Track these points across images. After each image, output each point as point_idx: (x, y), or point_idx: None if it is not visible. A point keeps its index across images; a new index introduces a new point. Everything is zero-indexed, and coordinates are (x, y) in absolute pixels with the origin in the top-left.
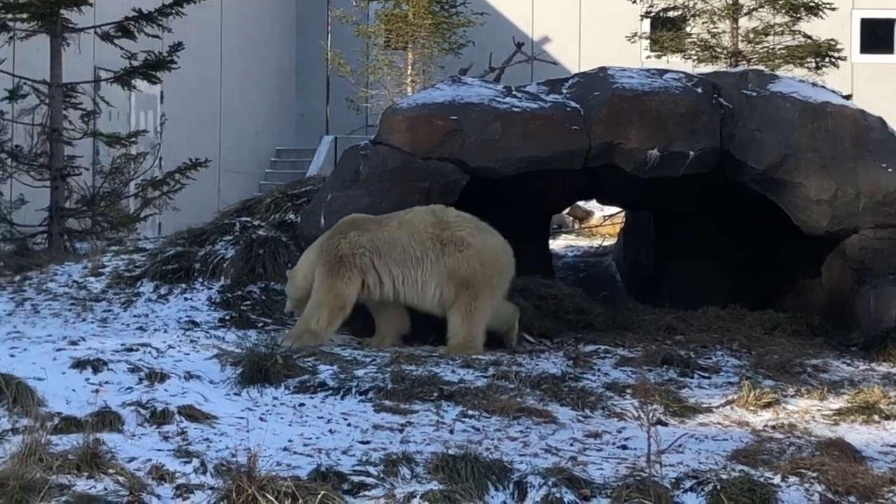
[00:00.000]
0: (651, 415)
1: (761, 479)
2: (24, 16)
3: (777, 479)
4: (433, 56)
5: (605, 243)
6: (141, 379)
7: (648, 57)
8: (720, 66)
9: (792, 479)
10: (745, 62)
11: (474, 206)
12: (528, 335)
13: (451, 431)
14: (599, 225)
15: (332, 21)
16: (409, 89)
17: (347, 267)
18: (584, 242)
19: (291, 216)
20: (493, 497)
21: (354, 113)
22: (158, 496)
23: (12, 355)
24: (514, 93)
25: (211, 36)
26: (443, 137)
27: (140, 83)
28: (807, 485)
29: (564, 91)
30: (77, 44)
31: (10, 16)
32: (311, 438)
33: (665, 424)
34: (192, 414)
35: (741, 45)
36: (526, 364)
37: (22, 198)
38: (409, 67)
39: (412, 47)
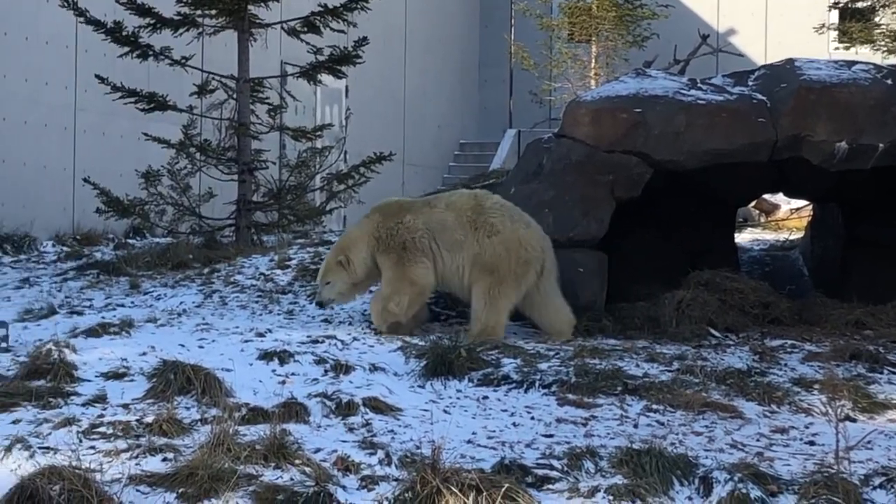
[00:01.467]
0: (839, 410)
1: None
2: (213, 12)
3: None
4: (617, 49)
5: (792, 237)
6: (326, 370)
7: (836, 48)
8: None
9: None
10: None
11: (658, 200)
12: (712, 329)
13: (636, 426)
14: (786, 218)
15: (516, 14)
16: (592, 82)
17: (413, 252)
18: (770, 236)
19: None
20: (677, 492)
21: (537, 106)
22: (344, 487)
23: (201, 346)
24: (698, 85)
25: (395, 30)
26: (626, 130)
27: (325, 78)
28: None
29: (750, 83)
30: (264, 39)
31: (199, 12)
32: (494, 431)
33: (853, 420)
34: (376, 406)
35: None
36: (711, 358)
37: (210, 191)
38: (593, 60)
39: (596, 40)
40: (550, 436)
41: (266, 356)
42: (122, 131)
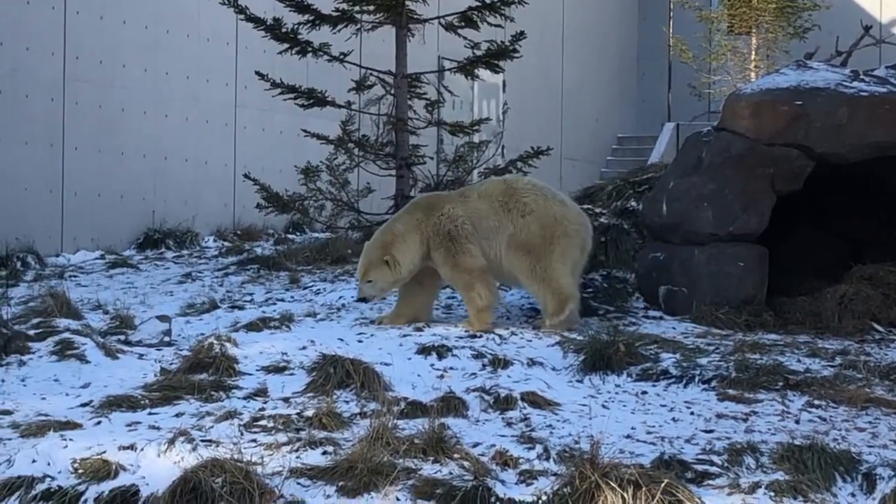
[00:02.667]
0: None
1: None
2: (371, 8)
3: None
4: (777, 41)
5: None
6: (484, 365)
7: None
8: None
9: None
10: None
11: (820, 193)
12: (876, 324)
13: (797, 421)
14: None
15: (674, 7)
16: (752, 75)
17: (459, 241)
18: None
19: (633, 204)
20: (840, 488)
21: (696, 99)
22: (502, 481)
23: (360, 341)
24: (861, 77)
25: (552, 24)
26: (787, 123)
27: (483, 72)
28: None
29: None
30: (421, 34)
31: (357, 8)
32: (653, 426)
33: None
34: (534, 400)
35: None
36: (874, 353)
37: (369, 186)
38: (753, 52)
39: (756, 32)
40: (710, 431)
41: (424, 350)
42: (281, 127)
